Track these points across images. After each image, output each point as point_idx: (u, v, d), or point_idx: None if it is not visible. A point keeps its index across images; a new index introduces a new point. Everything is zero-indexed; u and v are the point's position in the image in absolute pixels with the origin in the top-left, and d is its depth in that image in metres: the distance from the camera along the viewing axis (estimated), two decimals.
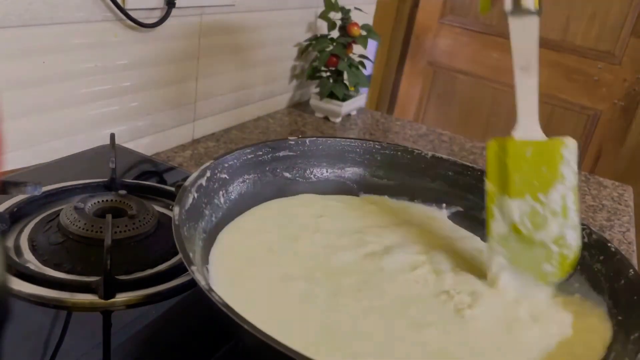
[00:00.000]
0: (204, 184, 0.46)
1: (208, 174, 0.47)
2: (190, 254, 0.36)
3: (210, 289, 0.32)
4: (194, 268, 0.34)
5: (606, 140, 1.84)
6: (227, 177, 0.49)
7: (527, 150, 0.46)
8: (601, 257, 0.48)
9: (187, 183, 0.44)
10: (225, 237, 0.48)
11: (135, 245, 0.50)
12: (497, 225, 0.47)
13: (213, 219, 0.47)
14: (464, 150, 1.08)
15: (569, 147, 0.45)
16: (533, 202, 0.45)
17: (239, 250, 0.47)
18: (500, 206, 0.46)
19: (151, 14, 0.73)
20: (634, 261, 0.76)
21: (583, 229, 0.50)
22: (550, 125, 1.92)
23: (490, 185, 0.47)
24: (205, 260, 0.44)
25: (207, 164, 0.47)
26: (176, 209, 0.40)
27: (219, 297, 0.32)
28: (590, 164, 1.88)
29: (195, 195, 0.44)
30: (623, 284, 0.44)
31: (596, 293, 0.46)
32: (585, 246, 0.49)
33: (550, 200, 0.45)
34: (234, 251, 0.46)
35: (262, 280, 0.43)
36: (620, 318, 0.42)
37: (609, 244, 0.48)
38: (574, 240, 0.45)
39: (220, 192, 0.48)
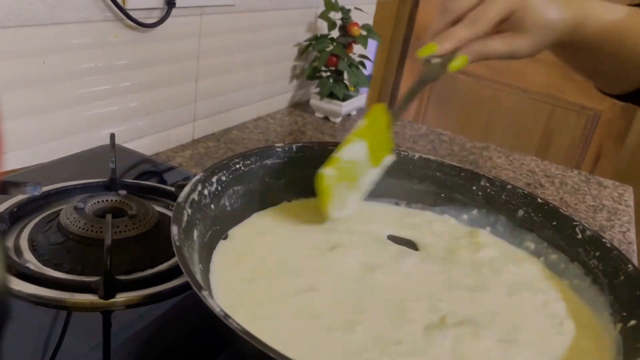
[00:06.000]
0: (196, 198, 0.44)
1: (199, 187, 0.45)
2: (196, 277, 0.34)
3: (227, 315, 0.31)
4: (205, 293, 0.32)
5: (606, 140, 1.84)
6: (218, 189, 0.48)
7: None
8: (597, 253, 0.48)
9: (180, 199, 0.42)
10: (221, 253, 0.46)
11: (135, 245, 0.50)
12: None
13: (208, 233, 0.46)
14: (464, 150, 1.08)
15: None
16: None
17: (236, 267, 0.45)
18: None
19: (151, 14, 0.73)
20: (634, 261, 0.76)
21: (576, 226, 0.50)
22: (551, 125, 1.92)
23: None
24: (206, 279, 0.43)
25: (198, 176, 0.46)
26: (174, 229, 0.38)
27: (237, 323, 0.30)
28: (590, 164, 1.88)
29: (189, 211, 0.42)
30: (623, 280, 0.44)
31: (598, 289, 0.46)
32: (580, 243, 0.49)
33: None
34: (232, 268, 0.45)
35: (265, 294, 0.43)
36: (625, 314, 0.42)
37: (604, 240, 0.48)
38: None
39: (212, 205, 0.47)
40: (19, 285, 0.42)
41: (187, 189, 0.44)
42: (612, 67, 0.58)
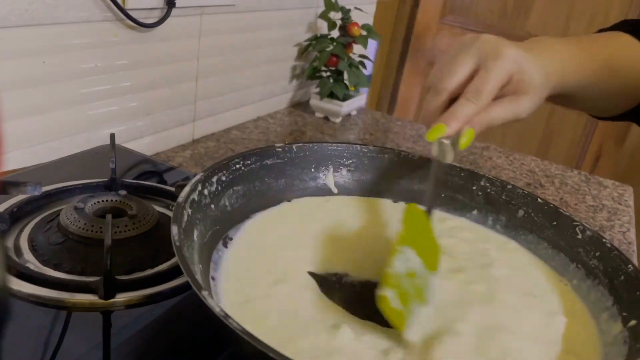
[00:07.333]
0: (196, 198, 0.44)
1: (199, 187, 0.45)
2: (196, 277, 0.34)
3: (227, 315, 0.31)
4: (205, 293, 0.32)
5: (606, 140, 1.84)
6: (218, 189, 0.48)
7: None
8: (597, 254, 0.47)
9: (180, 199, 0.42)
10: (221, 253, 0.46)
11: (135, 245, 0.50)
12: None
13: (208, 233, 0.45)
14: (464, 150, 1.08)
15: None
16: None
17: (239, 266, 0.45)
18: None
19: (151, 14, 0.73)
20: (634, 261, 0.76)
21: (576, 226, 0.50)
22: (551, 125, 1.92)
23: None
24: (206, 279, 0.42)
25: (198, 176, 0.45)
26: (174, 229, 0.38)
27: (237, 323, 0.30)
28: (590, 164, 1.88)
29: (189, 211, 0.42)
30: (623, 280, 0.44)
31: (602, 287, 0.46)
32: (580, 243, 0.49)
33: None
34: (234, 267, 0.45)
35: (267, 292, 0.43)
36: (625, 314, 0.42)
37: (604, 240, 0.47)
38: None
39: (212, 205, 0.47)
40: (19, 285, 0.42)
41: (187, 189, 0.43)
42: (604, 99, 0.59)
